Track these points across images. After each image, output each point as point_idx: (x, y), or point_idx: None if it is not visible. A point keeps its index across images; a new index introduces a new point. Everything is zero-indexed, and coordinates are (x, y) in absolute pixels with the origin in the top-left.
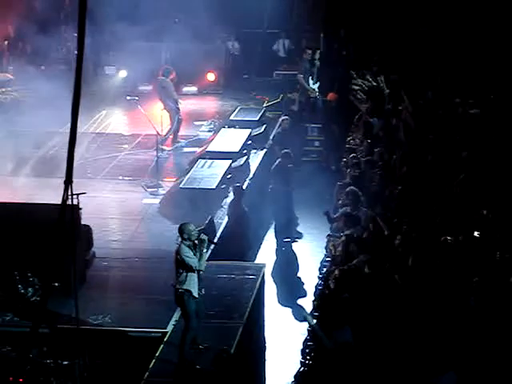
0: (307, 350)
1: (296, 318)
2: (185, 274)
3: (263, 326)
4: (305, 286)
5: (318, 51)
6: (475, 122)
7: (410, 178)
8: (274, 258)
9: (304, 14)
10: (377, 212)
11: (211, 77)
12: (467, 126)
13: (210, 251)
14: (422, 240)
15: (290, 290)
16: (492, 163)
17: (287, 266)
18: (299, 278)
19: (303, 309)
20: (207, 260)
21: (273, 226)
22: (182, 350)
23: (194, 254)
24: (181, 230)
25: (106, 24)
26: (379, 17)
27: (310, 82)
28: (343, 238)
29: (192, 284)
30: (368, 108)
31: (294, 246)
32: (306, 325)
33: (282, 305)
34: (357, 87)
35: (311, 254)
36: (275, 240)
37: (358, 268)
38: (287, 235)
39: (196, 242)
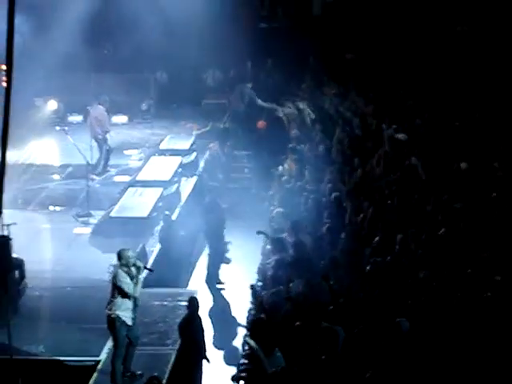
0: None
1: (229, 342)
2: (119, 299)
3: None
4: (237, 310)
5: None
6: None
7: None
8: (207, 283)
9: (232, 45)
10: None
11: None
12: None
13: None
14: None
15: (223, 315)
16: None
17: (220, 290)
18: (232, 301)
19: (235, 333)
20: None
21: (206, 252)
22: (113, 377)
23: (131, 280)
24: (119, 256)
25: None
26: (304, 46)
27: None
28: (273, 263)
29: (125, 310)
30: (295, 135)
31: (226, 270)
32: (239, 348)
33: (216, 329)
34: (281, 115)
35: (243, 278)
36: (207, 265)
37: (288, 292)
38: (219, 260)
39: (133, 268)
